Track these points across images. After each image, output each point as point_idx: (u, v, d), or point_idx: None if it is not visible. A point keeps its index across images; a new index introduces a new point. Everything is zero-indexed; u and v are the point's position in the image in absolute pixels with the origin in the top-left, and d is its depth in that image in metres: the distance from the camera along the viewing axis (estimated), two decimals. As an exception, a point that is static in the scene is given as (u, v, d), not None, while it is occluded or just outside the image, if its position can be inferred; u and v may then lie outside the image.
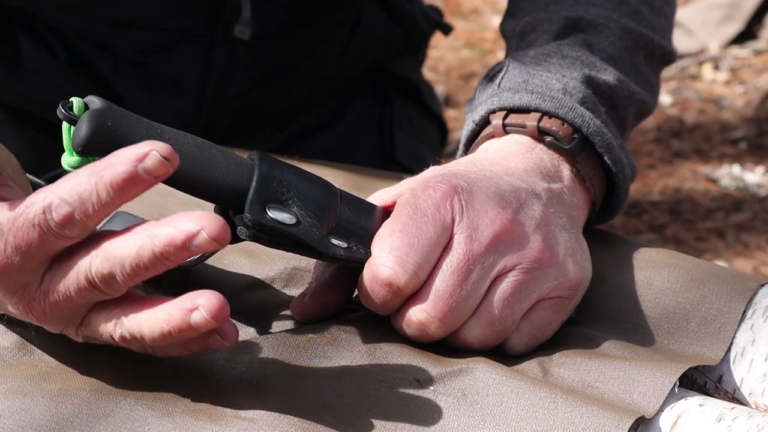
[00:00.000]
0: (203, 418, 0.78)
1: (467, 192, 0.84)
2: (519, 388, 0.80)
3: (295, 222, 0.81)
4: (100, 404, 0.79)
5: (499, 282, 0.83)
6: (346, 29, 1.34)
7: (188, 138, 0.80)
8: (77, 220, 0.74)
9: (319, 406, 0.80)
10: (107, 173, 0.73)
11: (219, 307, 0.73)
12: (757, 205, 2.49)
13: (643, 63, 1.04)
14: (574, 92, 0.95)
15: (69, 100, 0.79)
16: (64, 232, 0.74)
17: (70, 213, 0.74)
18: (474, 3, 3.29)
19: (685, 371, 0.83)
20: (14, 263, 0.76)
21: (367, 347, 0.83)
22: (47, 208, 0.74)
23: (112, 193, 0.73)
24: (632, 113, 1.02)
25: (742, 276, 0.92)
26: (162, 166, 0.72)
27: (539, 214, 0.86)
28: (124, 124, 0.78)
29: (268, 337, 0.85)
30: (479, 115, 0.96)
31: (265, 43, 1.27)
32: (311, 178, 0.84)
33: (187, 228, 0.72)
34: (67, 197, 0.74)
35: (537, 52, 1.00)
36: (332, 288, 0.87)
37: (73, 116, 0.78)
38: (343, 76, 1.37)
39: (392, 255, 0.81)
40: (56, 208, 0.74)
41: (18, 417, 0.78)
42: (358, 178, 1.07)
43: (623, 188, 0.96)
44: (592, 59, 0.99)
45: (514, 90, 0.95)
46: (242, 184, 0.80)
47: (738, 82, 2.93)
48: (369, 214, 0.86)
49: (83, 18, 1.25)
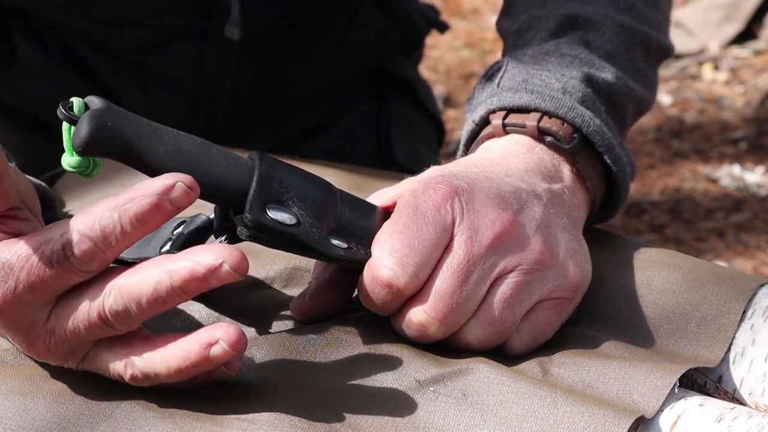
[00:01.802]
0: (204, 419, 0.78)
1: (468, 193, 0.84)
2: (519, 388, 0.80)
3: (295, 222, 0.81)
4: (101, 405, 0.79)
5: (500, 283, 0.83)
6: (341, 28, 1.34)
7: (188, 138, 0.80)
8: (98, 255, 0.74)
9: (319, 407, 0.80)
10: (131, 206, 0.73)
11: (237, 338, 0.74)
12: (757, 205, 2.49)
13: (640, 59, 1.04)
14: (574, 91, 0.95)
15: (69, 100, 0.78)
16: (83, 267, 0.74)
17: (91, 248, 0.74)
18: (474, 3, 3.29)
19: (685, 371, 0.83)
20: (24, 301, 0.75)
21: (367, 348, 0.83)
22: (67, 245, 0.74)
23: (136, 225, 0.74)
24: (631, 110, 1.02)
25: (741, 276, 0.92)
26: (187, 196, 0.74)
27: (540, 215, 0.86)
28: (125, 124, 0.78)
29: (268, 338, 0.85)
30: (479, 115, 0.96)
31: (257, 44, 1.26)
32: (311, 178, 0.84)
33: (209, 262, 0.72)
34: (88, 232, 0.74)
35: (535, 50, 1.00)
36: (332, 288, 0.87)
37: (74, 116, 0.78)
38: (341, 76, 1.37)
39: (392, 256, 0.81)
40: (77, 244, 0.74)
41: (19, 417, 0.78)
42: (358, 178, 1.06)
43: (623, 187, 0.96)
44: (590, 57, 0.99)
45: (514, 90, 0.95)
46: (242, 184, 0.80)
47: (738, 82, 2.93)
48: (369, 214, 0.86)
49: (82, 17, 1.24)
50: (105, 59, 1.27)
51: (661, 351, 0.88)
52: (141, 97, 1.27)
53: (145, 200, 0.73)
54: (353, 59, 1.36)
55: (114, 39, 1.25)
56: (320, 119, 1.39)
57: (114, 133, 0.77)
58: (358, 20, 1.34)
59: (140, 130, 0.78)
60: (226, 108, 1.29)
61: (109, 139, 0.77)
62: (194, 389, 0.81)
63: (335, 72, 1.36)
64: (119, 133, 0.77)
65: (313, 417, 0.79)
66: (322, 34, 1.32)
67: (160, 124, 0.80)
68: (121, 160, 0.78)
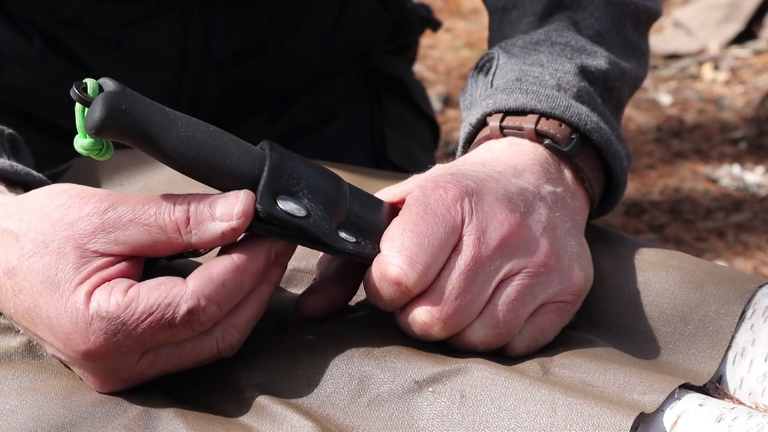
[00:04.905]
0: (215, 421, 0.79)
1: (477, 194, 0.84)
2: (518, 387, 0.80)
3: (305, 214, 0.80)
4: (113, 402, 0.79)
5: (505, 285, 0.83)
6: (332, 8, 1.32)
7: (201, 125, 0.80)
8: (220, 315, 0.79)
9: (318, 407, 0.80)
10: (251, 265, 0.79)
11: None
12: (757, 205, 2.49)
13: (630, 31, 1.03)
14: (569, 87, 0.94)
15: (83, 81, 0.78)
16: (203, 328, 0.78)
17: (216, 311, 0.78)
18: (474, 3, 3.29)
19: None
20: (124, 351, 0.78)
21: (366, 348, 0.83)
22: (194, 310, 0.77)
23: (254, 281, 0.80)
24: (626, 91, 1.01)
25: (741, 277, 0.92)
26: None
27: (546, 218, 0.86)
28: (138, 108, 0.77)
29: (268, 338, 0.85)
30: (475, 117, 0.95)
31: (244, 11, 1.24)
32: (321, 170, 0.84)
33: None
34: (215, 297, 0.78)
35: (525, 41, 0.99)
36: (337, 283, 0.87)
37: (87, 98, 0.77)
38: (330, 61, 1.35)
39: (402, 254, 0.81)
40: (204, 309, 0.77)
41: (30, 413, 0.78)
42: (355, 178, 1.06)
43: (621, 181, 0.96)
44: (581, 42, 0.98)
45: (509, 90, 0.94)
46: (253, 173, 0.80)
47: (738, 82, 2.93)
48: (377, 209, 0.85)
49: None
50: (84, 40, 1.24)
51: (658, 360, 0.87)
52: (123, 76, 1.25)
53: (260, 258, 0.79)
54: (342, 45, 1.34)
55: (89, 16, 1.23)
56: (314, 117, 1.37)
57: (128, 116, 0.77)
58: (349, 4, 1.32)
59: (153, 115, 0.78)
60: (213, 82, 1.26)
61: (122, 122, 0.77)
62: (204, 390, 0.81)
63: (324, 57, 1.34)
64: (133, 116, 0.77)
65: (313, 418, 0.79)
66: (308, 8, 1.30)
67: (173, 110, 0.79)
68: (134, 143, 0.78)
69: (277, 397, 0.81)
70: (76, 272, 0.77)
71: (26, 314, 0.79)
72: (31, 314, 0.79)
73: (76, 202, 0.79)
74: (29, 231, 0.79)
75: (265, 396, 0.80)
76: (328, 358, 0.82)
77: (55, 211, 0.79)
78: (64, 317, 0.77)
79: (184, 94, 1.26)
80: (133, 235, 0.78)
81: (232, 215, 0.78)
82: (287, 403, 0.80)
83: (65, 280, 0.77)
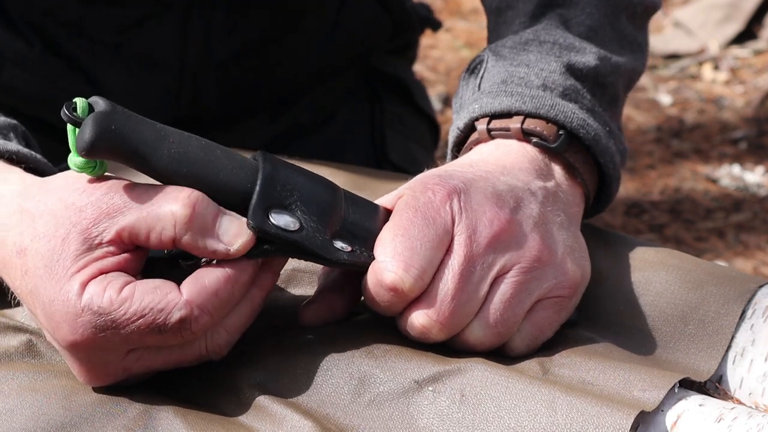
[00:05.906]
0: (215, 420, 0.79)
1: (465, 193, 0.84)
2: (518, 387, 0.80)
3: (298, 227, 0.80)
4: (113, 402, 0.79)
5: (500, 283, 0.83)
6: (332, 8, 1.32)
7: (193, 140, 0.80)
8: (211, 325, 0.79)
9: (318, 407, 0.80)
10: (243, 275, 0.79)
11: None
12: (757, 205, 2.49)
13: (626, 25, 1.02)
14: (555, 86, 0.94)
15: (72, 101, 0.78)
16: (192, 336, 0.79)
17: (208, 321, 0.78)
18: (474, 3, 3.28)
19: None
20: (110, 347, 0.78)
21: (366, 347, 0.83)
22: (186, 319, 0.77)
23: (245, 289, 0.80)
24: (622, 85, 1.01)
25: (741, 277, 0.92)
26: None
27: (536, 213, 0.86)
28: (128, 127, 0.78)
29: (268, 338, 0.85)
30: (463, 122, 0.95)
31: (243, 11, 1.24)
32: (316, 178, 0.83)
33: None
34: (208, 306, 0.78)
35: (514, 41, 0.98)
36: (338, 293, 0.87)
37: (77, 118, 0.78)
38: (330, 61, 1.35)
39: (396, 259, 0.81)
40: (197, 319, 0.77)
41: (30, 413, 0.78)
42: (356, 178, 1.06)
43: (614, 176, 0.95)
44: (569, 40, 0.98)
45: (494, 94, 0.94)
46: (246, 187, 0.80)
47: (738, 82, 2.93)
48: (373, 215, 0.85)
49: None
50: (83, 43, 1.24)
51: (658, 358, 0.87)
52: (123, 79, 1.25)
53: (248, 266, 0.79)
54: (341, 45, 1.34)
55: (88, 19, 1.23)
56: (314, 117, 1.37)
57: (117, 136, 0.77)
58: (349, 4, 1.32)
59: (144, 133, 0.78)
60: (213, 82, 1.26)
61: (112, 142, 0.77)
62: (204, 390, 0.81)
63: (324, 57, 1.33)
64: (123, 136, 0.77)
65: (313, 419, 0.79)
66: (308, 8, 1.30)
67: (165, 125, 0.79)
68: (125, 162, 0.78)
69: (276, 397, 0.81)
70: (75, 261, 0.77)
71: (28, 296, 0.80)
72: (32, 297, 0.79)
73: (91, 187, 0.79)
74: (44, 212, 0.79)
75: (264, 396, 0.80)
76: (328, 358, 0.82)
77: (71, 195, 0.80)
78: (56, 305, 0.77)
79: (184, 94, 1.26)
80: (131, 221, 0.78)
81: (233, 243, 0.79)
82: (287, 402, 0.80)
83: (63, 267, 0.78)
